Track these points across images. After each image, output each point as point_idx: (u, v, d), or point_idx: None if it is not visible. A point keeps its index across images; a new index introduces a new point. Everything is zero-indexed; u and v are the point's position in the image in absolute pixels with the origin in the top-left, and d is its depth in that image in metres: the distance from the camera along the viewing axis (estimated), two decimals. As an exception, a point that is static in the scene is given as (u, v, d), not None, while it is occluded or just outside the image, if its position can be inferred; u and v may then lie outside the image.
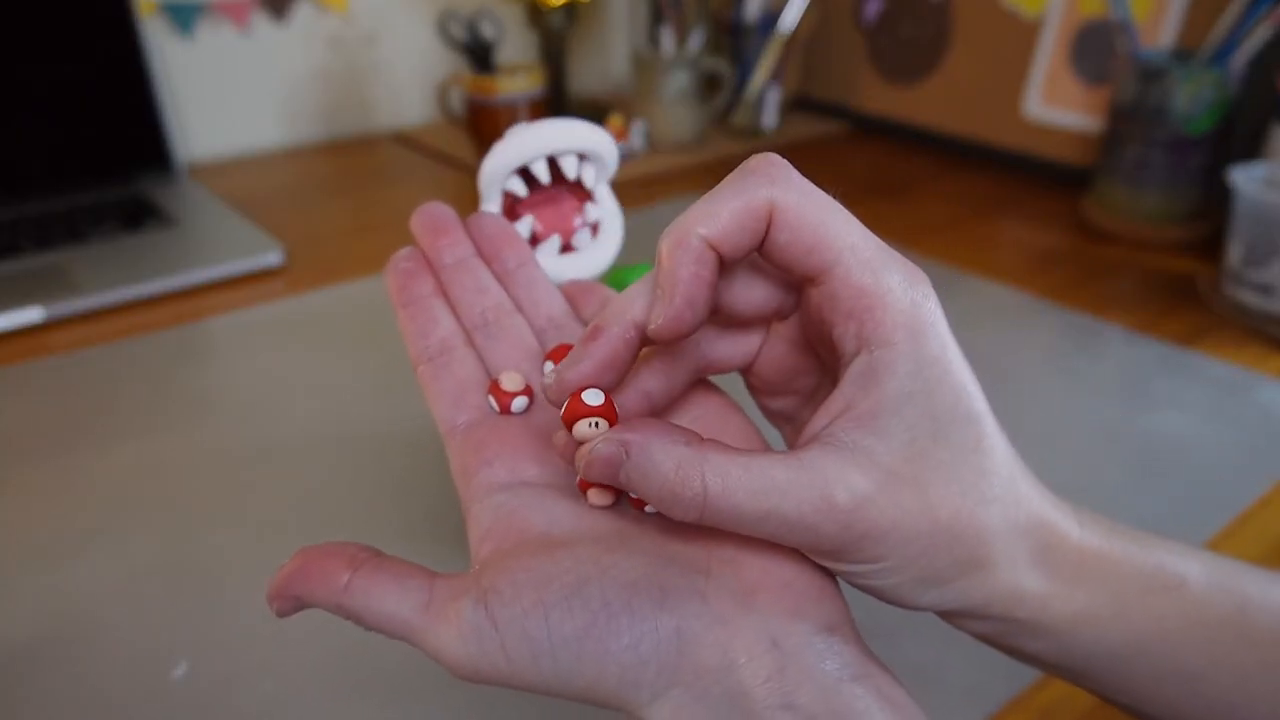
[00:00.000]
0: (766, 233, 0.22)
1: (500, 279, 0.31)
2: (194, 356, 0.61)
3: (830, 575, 0.23)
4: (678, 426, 0.22)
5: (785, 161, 0.23)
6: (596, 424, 0.23)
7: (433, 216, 0.31)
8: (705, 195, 0.22)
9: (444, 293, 0.30)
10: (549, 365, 0.28)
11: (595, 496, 0.24)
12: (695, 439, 0.22)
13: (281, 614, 0.24)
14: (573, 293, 0.31)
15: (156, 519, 0.46)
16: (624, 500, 0.24)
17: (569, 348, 0.25)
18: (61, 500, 0.47)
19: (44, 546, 0.44)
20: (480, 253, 0.31)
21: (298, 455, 0.50)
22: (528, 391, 0.27)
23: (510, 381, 0.27)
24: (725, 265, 0.22)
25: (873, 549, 0.21)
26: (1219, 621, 0.23)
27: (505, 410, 0.27)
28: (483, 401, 0.28)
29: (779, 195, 0.22)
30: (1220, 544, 0.44)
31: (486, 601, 0.21)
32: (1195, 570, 0.23)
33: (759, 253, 0.22)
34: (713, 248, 0.22)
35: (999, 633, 0.24)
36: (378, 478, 0.49)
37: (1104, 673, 0.24)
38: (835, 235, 0.21)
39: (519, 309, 0.30)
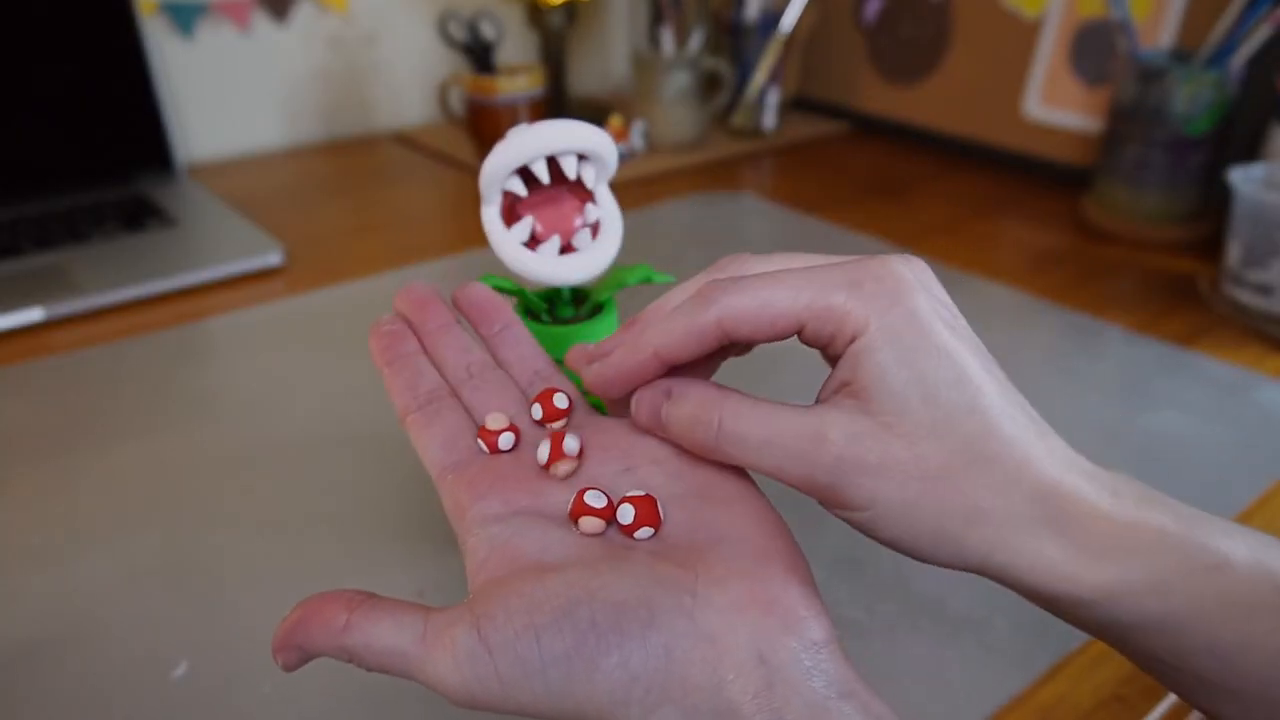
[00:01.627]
0: (728, 332, 0.25)
1: (486, 342, 0.32)
2: (194, 356, 0.61)
3: (814, 592, 0.24)
4: (711, 383, 0.26)
5: (736, 264, 0.28)
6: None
7: (417, 293, 0.33)
8: (670, 308, 0.26)
9: (428, 353, 0.32)
10: (536, 407, 0.29)
11: (586, 524, 0.25)
12: (719, 387, 0.26)
13: (288, 667, 0.25)
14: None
15: (156, 519, 0.46)
16: (613, 528, 0.25)
17: (556, 391, 0.29)
18: (61, 500, 0.47)
19: (44, 546, 0.44)
20: (467, 319, 0.33)
21: (298, 455, 0.50)
22: (513, 429, 0.28)
23: (495, 421, 0.28)
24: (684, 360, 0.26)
25: (865, 487, 0.23)
26: (1259, 603, 0.23)
27: (494, 450, 0.28)
28: (472, 445, 0.29)
29: (724, 313, 0.25)
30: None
31: (479, 627, 0.22)
32: (1240, 550, 0.23)
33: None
34: (659, 357, 0.26)
35: (1043, 603, 0.24)
36: (378, 478, 0.49)
37: (1140, 643, 0.24)
38: (787, 306, 0.24)
39: (504, 366, 0.32)
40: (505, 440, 0.28)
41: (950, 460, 0.23)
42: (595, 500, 0.25)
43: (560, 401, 0.29)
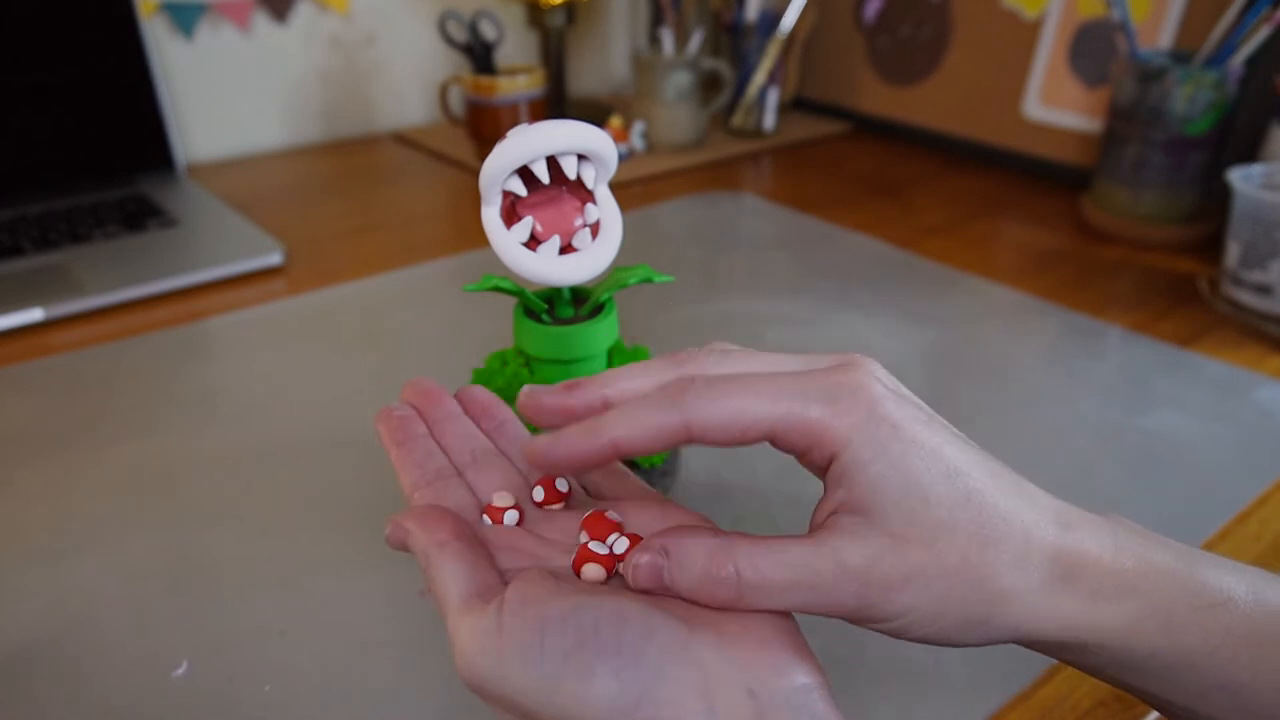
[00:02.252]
0: (695, 436, 0.24)
1: (487, 434, 0.34)
2: (194, 356, 0.61)
3: (802, 641, 0.24)
4: (701, 526, 0.26)
5: (706, 359, 0.26)
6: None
7: (423, 385, 0.35)
8: (633, 400, 0.25)
9: (434, 438, 0.33)
10: (539, 490, 0.31)
11: (590, 571, 0.26)
12: (720, 531, 0.25)
13: (391, 540, 0.28)
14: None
15: (157, 518, 0.46)
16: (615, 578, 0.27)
17: (557, 477, 0.31)
18: (62, 500, 0.47)
19: (44, 546, 0.44)
20: (468, 413, 0.35)
21: (298, 455, 0.50)
22: (518, 507, 0.30)
23: (501, 499, 0.30)
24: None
25: (895, 601, 0.24)
26: (1265, 637, 0.24)
27: (498, 524, 0.30)
28: (478, 520, 0.30)
29: (694, 417, 0.24)
30: (1218, 543, 0.44)
31: (500, 608, 0.24)
32: (1240, 587, 0.25)
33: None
34: (616, 448, 0.24)
35: (1070, 655, 0.26)
36: (378, 478, 0.49)
37: (1156, 684, 0.25)
38: (762, 415, 0.24)
39: (504, 455, 0.33)
40: (510, 517, 0.30)
41: (965, 551, 0.24)
42: (599, 548, 0.27)
43: (561, 486, 0.31)
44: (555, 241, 0.39)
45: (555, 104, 1.09)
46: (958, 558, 0.23)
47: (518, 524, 0.30)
